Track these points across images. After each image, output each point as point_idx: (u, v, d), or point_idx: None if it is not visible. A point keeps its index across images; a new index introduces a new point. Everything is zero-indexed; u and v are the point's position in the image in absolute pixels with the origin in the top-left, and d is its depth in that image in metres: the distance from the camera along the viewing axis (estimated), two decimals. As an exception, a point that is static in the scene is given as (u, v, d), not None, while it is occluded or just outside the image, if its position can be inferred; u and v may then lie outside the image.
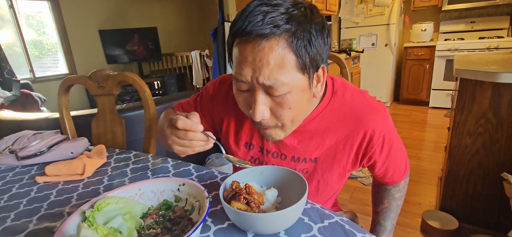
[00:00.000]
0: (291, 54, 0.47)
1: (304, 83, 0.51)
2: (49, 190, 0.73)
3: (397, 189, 0.76)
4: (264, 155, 0.68)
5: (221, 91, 0.72)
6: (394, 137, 0.65)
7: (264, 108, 0.51)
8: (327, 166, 0.64)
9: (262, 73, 0.48)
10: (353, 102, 0.62)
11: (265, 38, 0.46)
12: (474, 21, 3.60)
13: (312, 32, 0.48)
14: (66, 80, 1.03)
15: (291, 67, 0.48)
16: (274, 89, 0.49)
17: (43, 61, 4.08)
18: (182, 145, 0.52)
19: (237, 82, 0.52)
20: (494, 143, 1.32)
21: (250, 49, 0.48)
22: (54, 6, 3.96)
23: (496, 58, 1.58)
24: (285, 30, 0.46)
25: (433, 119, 3.30)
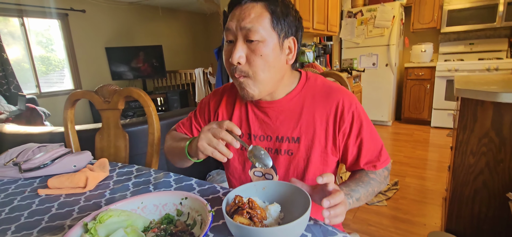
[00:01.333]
0: (267, 13, 0.64)
1: (275, 41, 0.65)
2: (51, 202, 0.73)
3: (373, 173, 0.73)
4: (252, 140, 0.76)
5: (215, 94, 0.86)
6: (363, 117, 0.72)
7: (240, 52, 0.64)
8: (308, 144, 0.71)
9: (244, 21, 0.63)
10: (324, 84, 0.74)
11: (250, 2, 0.64)
12: (473, 43, 3.66)
13: (284, 8, 0.65)
14: (73, 95, 1.05)
15: (266, 22, 0.63)
16: (251, 33, 0.63)
17: (50, 76, 4.16)
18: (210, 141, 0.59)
19: (226, 33, 0.66)
20: (498, 163, 1.31)
21: (238, 9, 0.65)
22: (64, 24, 4.09)
23: (496, 79, 1.60)
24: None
25: (435, 139, 3.29)
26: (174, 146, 0.78)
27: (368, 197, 0.70)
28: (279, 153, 0.73)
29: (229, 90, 0.83)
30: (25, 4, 3.64)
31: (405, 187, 2.19)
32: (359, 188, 0.68)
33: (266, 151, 0.62)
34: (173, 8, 5.52)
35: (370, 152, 0.72)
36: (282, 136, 0.72)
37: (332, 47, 3.86)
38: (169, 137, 0.87)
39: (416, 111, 3.83)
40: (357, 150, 0.72)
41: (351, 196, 0.64)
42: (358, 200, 0.66)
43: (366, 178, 0.71)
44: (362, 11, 3.80)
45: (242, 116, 0.78)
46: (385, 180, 0.76)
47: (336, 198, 0.51)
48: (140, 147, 1.64)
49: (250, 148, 0.63)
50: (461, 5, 3.44)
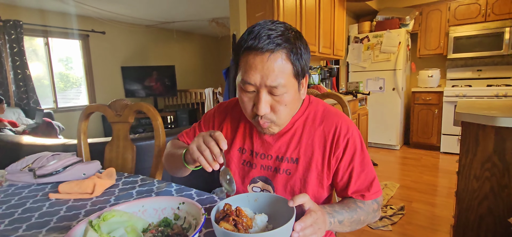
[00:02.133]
0: (289, 64, 0.64)
1: (296, 86, 0.67)
2: (60, 206, 0.78)
3: (362, 202, 0.73)
4: (253, 157, 0.79)
5: (220, 108, 0.88)
6: (358, 146, 0.73)
7: (266, 105, 0.66)
8: (306, 166, 0.74)
9: (270, 78, 0.62)
10: (325, 109, 0.77)
11: (271, 53, 0.62)
12: (481, 69, 3.66)
13: (302, 48, 0.66)
14: (87, 108, 1.13)
15: (288, 73, 0.64)
16: (276, 89, 0.64)
17: (67, 93, 4.37)
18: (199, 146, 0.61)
19: (246, 85, 0.65)
20: (503, 189, 1.29)
21: (259, 60, 0.63)
22: (84, 44, 4.35)
23: (499, 104, 1.60)
24: (285, 47, 0.63)
25: (445, 164, 3.22)
26: (172, 153, 0.80)
27: (353, 224, 0.70)
28: (278, 171, 0.75)
29: (234, 106, 0.85)
30: (51, 25, 3.92)
31: (411, 212, 2.14)
32: (344, 211, 0.68)
33: (232, 177, 0.64)
34: (187, 31, 5.79)
35: (360, 181, 0.72)
36: (282, 156, 0.75)
37: (339, 70, 3.93)
38: (169, 144, 0.89)
39: (424, 136, 3.78)
40: (348, 177, 0.73)
41: (334, 216, 0.64)
42: (341, 223, 0.66)
43: (353, 205, 0.71)
44: (368, 37, 3.89)
45: (246, 133, 0.81)
46: (374, 213, 0.74)
47: (307, 220, 0.53)
48: (147, 161, 1.70)
49: (222, 169, 0.64)
50: (467, 33, 3.48)
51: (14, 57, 3.54)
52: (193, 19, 4.81)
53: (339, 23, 3.27)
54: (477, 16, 3.48)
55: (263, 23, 0.65)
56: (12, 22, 3.47)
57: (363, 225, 0.73)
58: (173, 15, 4.55)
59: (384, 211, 2.13)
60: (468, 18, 3.53)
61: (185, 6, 4.10)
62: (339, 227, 0.66)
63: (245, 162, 0.80)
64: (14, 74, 3.58)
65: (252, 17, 2.42)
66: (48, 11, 3.89)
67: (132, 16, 4.48)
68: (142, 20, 4.76)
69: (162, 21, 4.92)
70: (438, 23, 3.73)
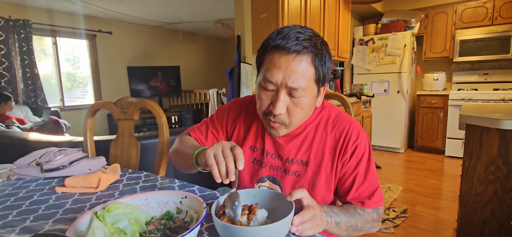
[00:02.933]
0: (312, 68, 0.65)
1: (315, 92, 0.68)
2: (66, 199, 0.80)
3: (361, 209, 0.72)
4: (264, 156, 0.79)
5: (235, 105, 0.88)
6: (365, 154, 0.73)
7: (283, 105, 0.66)
8: (315, 169, 0.74)
9: (291, 79, 0.63)
10: (338, 115, 0.77)
11: (297, 54, 0.63)
12: (487, 73, 3.63)
13: (326, 56, 0.67)
14: (94, 105, 1.16)
15: (311, 77, 0.65)
16: (296, 91, 0.64)
17: (73, 92, 4.44)
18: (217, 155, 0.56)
19: (267, 82, 0.66)
20: (507, 192, 1.28)
21: (284, 59, 0.63)
22: (91, 44, 4.42)
23: (504, 107, 1.59)
24: (311, 51, 0.64)
25: (449, 168, 3.19)
26: (183, 150, 0.77)
27: (350, 230, 0.69)
28: (287, 173, 0.76)
29: (249, 104, 0.86)
30: (59, 25, 3.99)
31: (414, 215, 2.13)
32: (342, 214, 0.67)
33: (239, 204, 0.54)
34: (193, 32, 5.84)
35: (362, 189, 0.72)
36: (292, 158, 0.76)
37: (344, 72, 3.92)
38: (179, 140, 0.87)
39: (429, 139, 3.75)
40: (350, 183, 0.73)
41: (331, 216, 0.64)
42: (337, 225, 0.66)
43: (352, 211, 0.71)
44: (373, 39, 3.88)
45: (258, 132, 0.81)
46: (372, 223, 0.73)
47: (305, 216, 0.54)
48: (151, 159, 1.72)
49: (231, 192, 0.57)
50: (473, 36, 3.45)
51: (23, 56, 3.61)
52: (199, 20, 4.86)
53: (344, 25, 3.27)
54: (484, 20, 3.45)
55: (292, 26, 0.66)
56: (22, 21, 3.55)
57: (360, 233, 0.72)
58: (179, 16, 4.59)
59: (387, 214, 2.12)
60: (475, 21, 3.50)
61: (191, 7, 4.14)
62: (335, 229, 0.66)
63: (255, 161, 0.81)
64: (22, 73, 3.65)
65: (257, 18, 2.43)
66: (57, 11, 3.96)
67: (139, 17, 4.53)
68: (148, 21, 4.82)
69: (168, 22, 4.97)
70: (444, 26, 3.70)
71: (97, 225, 0.46)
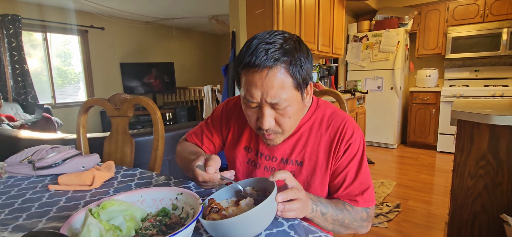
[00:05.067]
0: (289, 77, 0.63)
1: (299, 97, 0.67)
2: (59, 197, 0.79)
3: (351, 207, 0.72)
4: (258, 157, 0.79)
5: (229, 106, 0.89)
6: (358, 153, 0.73)
7: (270, 119, 0.66)
8: (310, 170, 0.74)
9: (269, 94, 0.62)
10: (332, 114, 0.77)
11: (270, 69, 0.61)
12: (478, 69, 3.69)
13: (301, 59, 0.64)
14: (87, 101, 1.14)
15: (289, 87, 0.63)
16: (278, 105, 0.64)
17: (65, 89, 4.36)
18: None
19: (248, 102, 0.66)
20: (497, 186, 1.31)
21: (258, 77, 0.62)
22: (83, 39, 4.34)
23: (494, 103, 1.62)
24: (283, 61, 0.62)
25: (441, 164, 3.25)
26: (184, 157, 0.83)
27: (336, 224, 0.68)
28: None
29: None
30: (49, 20, 3.91)
31: (407, 210, 2.17)
32: (329, 206, 0.67)
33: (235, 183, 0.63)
34: (187, 28, 5.78)
35: (352, 188, 0.72)
36: (287, 158, 0.76)
37: (338, 68, 3.94)
38: (180, 147, 0.92)
39: (421, 135, 3.81)
40: (341, 181, 0.72)
41: (317, 205, 0.64)
42: (323, 216, 0.65)
43: (341, 205, 0.70)
44: (367, 36, 3.91)
45: (252, 132, 0.81)
46: (361, 222, 0.72)
47: (288, 194, 0.55)
48: (146, 157, 1.71)
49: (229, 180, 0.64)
50: (465, 33, 3.51)
51: (12, 52, 3.53)
52: (193, 16, 4.81)
53: (338, 22, 3.29)
54: (475, 17, 3.50)
55: (261, 35, 0.63)
56: (10, 16, 3.46)
57: (347, 231, 0.71)
58: (173, 11, 4.54)
59: (380, 209, 2.15)
60: (467, 18, 3.55)
61: (185, 3, 4.10)
62: (321, 219, 0.66)
63: (250, 161, 0.81)
64: (12, 69, 3.57)
65: (251, 14, 2.42)
66: (47, 6, 3.87)
67: (131, 12, 4.47)
68: (142, 16, 4.75)
69: (161, 18, 4.91)
70: (437, 23, 3.75)
71: (92, 222, 0.46)
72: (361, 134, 0.75)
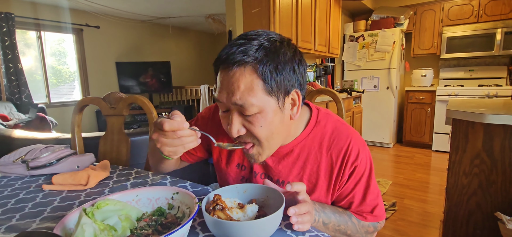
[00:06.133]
0: (259, 79, 0.55)
1: (274, 105, 0.57)
2: (54, 197, 0.78)
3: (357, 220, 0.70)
4: (253, 176, 0.74)
5: (215, 116, 0.80)
6: (365, 174, 0.68)
7: (238, 125, 0.58)
8: (309, 191, 0.69)
9: (235, 95, 0.55)
10: (334, 131, 0.68)
11: (235, 65, 0.54)
12: (472, 69, 3.73)
13: (281, 62, 0.56)
14: (82, 100, 1.13)
15: (259, 90, 0.55)
16: (245, 109, 0.56)
17: (60, 88, 4.32)
18: (172, 145, 0.56)
19: (218, 104, 0.61)
20: (491, 185, 1.33)
21: (225, 75, 0.56)
22: (78, 38, 4.30)
23: (489, 103, 1.64)
24: (253, 58, 0.54)
25: (436, 162, 3.27)
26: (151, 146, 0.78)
27: (337, 233, 0.66)
28: None
29: None
30: (44, 18, 3.86)
31: (403, 208, 2.18)
32: (333, 216, 0.65)
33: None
34: (183, 27, 5.76)
35: (360, 209, 0.69)
36: (283, 180, 0.70)
37: (334, 68, 3.96)
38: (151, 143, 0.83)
39: (417, 134, 3.84)
40: (347, 204, 0.70)
41: (320, 215, 0.62)
42: (325, 225, 0.63)
43: (346, 216, 0.68)
44: (363, 36, 3.92)
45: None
46: (365, 235, 0.70)
47: (301, 208, 0.54)
48: (142, 157, 1.70)
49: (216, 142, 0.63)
50: (460, 33, 3.54)
51: (5, 51, 3.48)
52: (189, 15, 4.79)
53: (335, 21, 3.29)
54: (469, 17, 3.53)
55: (244, 34, 0.58)
56: (4, 14, 3.41)
57: None
58: (169, 10, 4.52)
59: (377, 207, 2.16)
60: (461, 18, 3.58)
61: (181, 2, 4.08)
62: (322, 228, 0.63)
63: (243, 179, 0.77)
64: (5, 68, 3.52)
65: (248, 13, 2.42)
66: (41, 4, 3.83)
67: (127, 11, 4.43)
68: (137, 15, 4.72)
69: (157, 16, 4.88)
70: (432, 23, 3.78)
71: (86, 221, 0.45)
72: (367, 152, 0.68)
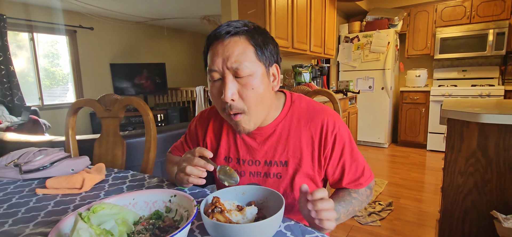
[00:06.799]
0: (250, 46, 0.65)
1: (262, 70, 0.67)
2: (48, 201, 0.77)
3: (356, 192, 0.76)
4: (241, 165, 0.77)
5: (202, 118, 0.87)
6: (346, 139, 0.74)
7: (232, 89, 0.64)
8: (296, 167, 0.73)
9: (230, 59, 0.63)
10: (309, 107, 0.76)
11: (230, 35, 0.64)
12: (465, 69, 3.78)
13: (263, 36, 0.68)
14: (76, 102, 1.11)
15: (251, 55, 0.64)
16: (240, 70, 0.63)
17: (53, 90, 4.26)
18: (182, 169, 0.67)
19: (211, 73, 0.66)
20: (486, 183, 1.34)
21: (220, 45, 0.65)
22: (71, 40, 4.24)
23: (482, 102, 1.66)
24: (243, 31, 0.65)
25: (431, 162, 3.31)
26: (169, 173, 0.85)
27: (348, 216, 0.72)
28: (268, 176, 0.75)
29: (215, 115, 0.83)
30: (36, 20, 3.80)
31: (399, 208, 2.19)
32: (340, 207, 0.69)
33: (231, 168, 0.67)
34: (178, 29, 5.73)
35: (352, 173, 0.74)
36: (270, 160, 0.74)
37: (330, 69, 3.97)
38: (167, 162, 0.93)
39: (412, 134, 3.88)
40: (340, 172, 0.75)
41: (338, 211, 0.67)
42: (337, 220, 0.67)
43: (348, 198, 0.73)
44: (358, 37, 3.95)
45: (230, 142, 0.79)
46: (367, 199, 0.77)
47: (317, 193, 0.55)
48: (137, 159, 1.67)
49: (218, 168, 0.66)
50: (453, 34, 3.59)
51: (-3, 52, 3.41)
52: (184, 16, 4.77)
53: (330, 23, 3.31)
54: (462, 18, 3.58)
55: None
56: (-5, 16, 3.36)
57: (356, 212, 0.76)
58: (164, 11, 4.49)
59: (373, 207, 2.17)
60: (454, 19, 3.63)
61: (176, 3, 4.06)
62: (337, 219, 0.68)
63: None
64: (-3, 70, 3.45)
65: (244, 14, 2.42)
66: (33, 5, 3.77)
67: (122, 12, 4.39)
68: (132, 16, 4.68)
69: (152, 18, 4.85)
70: (425, 24, 3.82)
71: (82, 226, 0.44)
72: (341, 120, 0.75)
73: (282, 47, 2.47)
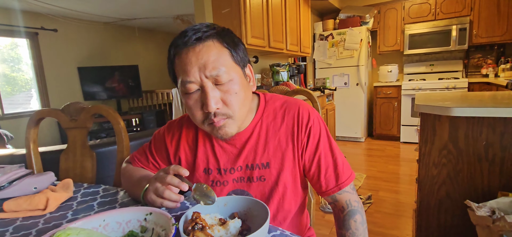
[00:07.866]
0: (224, 49, 0.62)
1: (241, 73, 0.65)
2: (5, 227, 0.68)
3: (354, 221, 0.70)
4: (222, 175, 0.72)
5: (172, 129, 0.79)
6: (322, 132, 0.71)
7: (215, 98, 0.60)
8: (279, 167, 0.70)
9: (208, 67, 0.59)
10: (283, 104, 0.74)
11: (200, 41, 0.60)
12: (433, 64, 3.99)
13: (232, 36, 0.65)
14: (37, 113, 1.01)
15: (227, 58, 0.61)
16: (220, 77, 0.60)
17: (15, 97, 3.93)
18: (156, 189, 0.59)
19: (187, 85, 0.61)
20: (458, 173, 1.41)
21: (192, 53, 0.60)
22: (33, 43, 3.93)
23: (452, 95, 1.75)
24: (213, 34, 0.61)
25: (405, 154, 3.46)
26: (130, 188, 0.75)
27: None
28: (251, 180, 0.71)
29: (188, 123, 0.77)
30: (-10, 22, 3.48)
31: (379, 201, 2.26)
32: None
33: (208, 186, 0.58)
34: (150, 29, 5.52)
35: (331, 169, 0.71)
36: (252, 163, 0.71)
37: (306, 67, 4.02)
38: (124, 172, 0.81)
39: (386, 127, 4.03)
40: (317, 167, 0.71)
41: None
42: None
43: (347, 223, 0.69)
44: (332, 34, 4.03)
45: (208, 151, 0.74)
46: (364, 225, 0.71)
47: None
48: (111, 169, 1.57)
49: (194, 187, 0.59)
50: (420, 30, 3.77)
51: None
52: (156, 16, 4.60)
53: (305, 21, 3.34)
54: (428, 15, 3.78)
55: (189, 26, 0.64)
56: None
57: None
58: (134, 11, 4.30)
59: (354, 201, 2.22)
60: (420, 16, 3.82)
61: (147, 2, 3.90)
62: None
63: (214, 183, 0.73)
64: None
65: (218, 13, 2.36)
66: (-13, 6, 3.45)
67: (88, 13, 4.14)
68: (99, 17, 4.43)
69: (121, 18, 4.62)
70: (395, 21, 3.98)
71: (41, 263, 0.38)
72: (317, 113, 0.73)
73: (259, 46, 2.45)
